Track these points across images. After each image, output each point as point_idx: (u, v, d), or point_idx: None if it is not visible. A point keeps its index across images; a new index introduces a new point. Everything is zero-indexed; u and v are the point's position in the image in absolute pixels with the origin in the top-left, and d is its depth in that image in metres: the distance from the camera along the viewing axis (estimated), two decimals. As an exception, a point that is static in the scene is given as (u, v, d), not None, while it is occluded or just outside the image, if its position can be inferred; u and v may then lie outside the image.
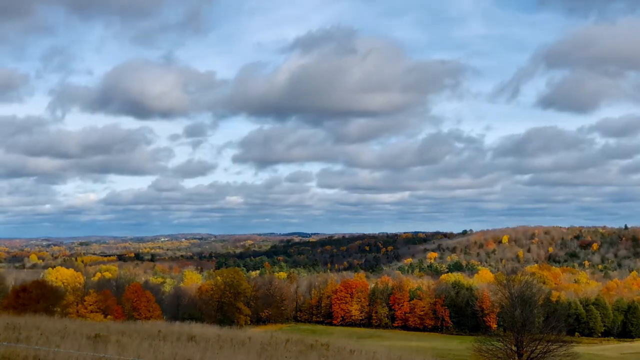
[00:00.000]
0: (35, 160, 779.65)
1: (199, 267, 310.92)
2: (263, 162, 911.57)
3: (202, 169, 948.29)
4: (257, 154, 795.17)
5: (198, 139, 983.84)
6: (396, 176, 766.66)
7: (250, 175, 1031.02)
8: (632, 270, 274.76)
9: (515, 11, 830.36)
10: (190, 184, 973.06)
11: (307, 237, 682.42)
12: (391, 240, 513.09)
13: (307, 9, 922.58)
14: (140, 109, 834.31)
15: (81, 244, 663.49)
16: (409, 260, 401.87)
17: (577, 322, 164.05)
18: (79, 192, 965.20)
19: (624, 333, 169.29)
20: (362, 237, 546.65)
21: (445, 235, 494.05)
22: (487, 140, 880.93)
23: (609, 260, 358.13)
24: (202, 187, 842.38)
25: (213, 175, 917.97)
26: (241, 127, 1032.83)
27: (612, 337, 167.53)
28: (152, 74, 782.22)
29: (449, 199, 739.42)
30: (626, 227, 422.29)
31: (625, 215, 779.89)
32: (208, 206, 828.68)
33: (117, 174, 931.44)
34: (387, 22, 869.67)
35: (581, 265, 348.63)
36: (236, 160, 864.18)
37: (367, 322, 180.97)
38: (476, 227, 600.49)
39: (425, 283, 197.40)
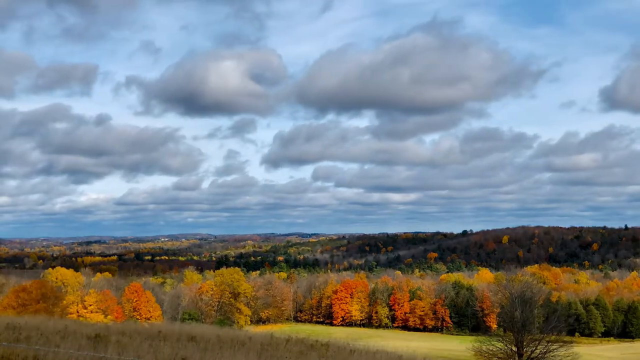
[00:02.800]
0: (71, 159, 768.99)
1: (199, 268, 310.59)
2: (298, 161, 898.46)
3: (235, 168, 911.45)
4: (294, 152, 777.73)
5: (246, 135, 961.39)
6: (427, 175, 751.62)
7: (278, 174, 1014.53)
8: (632, 270, 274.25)
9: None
10: (215, 183, 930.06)
11: (307, 237, 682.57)
12: (391, 240, 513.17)
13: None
14: (195, 105, 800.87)
15: (81, 244, 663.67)
16: (409, 261, 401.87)
17: (577, 323, 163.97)
18: (98, 192, 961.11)
19: (624, 333, 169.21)
20: (362, 237, 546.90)
21: (446, 236, 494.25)
22: (542, 141, 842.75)
23: (609, 261, 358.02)
24: (224, 186, 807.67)
25: (243, 174, 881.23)
26: (289, 123, 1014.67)
27: (612, 338, 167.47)
28: (215, 68, 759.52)
29: (465, 199, 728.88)
30: (626, 228, 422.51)
31: (633, 215, 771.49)
32: (221, 206, 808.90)
33: (147, 173, 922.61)
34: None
35: (581, 265, 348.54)
36: (270, 158, 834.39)
37: (368, 322, 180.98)
38: (488, 227, 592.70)
39: (425, 283, 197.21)
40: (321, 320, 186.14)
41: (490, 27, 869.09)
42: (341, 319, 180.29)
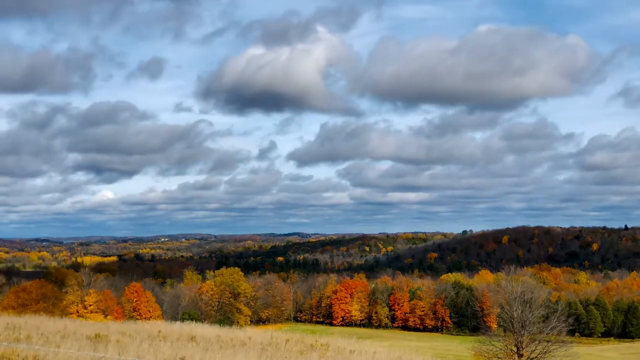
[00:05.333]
0: (102, 157, 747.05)
1: (199, 268, 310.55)
2: (336, 158, 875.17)
3: (267, 168, 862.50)
4: (333, 149, 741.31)
5: (290, 133, 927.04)
6: (454, 174, 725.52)
7: (310, 172, 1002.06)
8: (632, 270, 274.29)
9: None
10: (238, 182, 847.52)
11: (307, 237, 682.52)
12: (391, 240, 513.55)
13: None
14: (243, 99, 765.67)
15: (81, 244, 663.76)
16: (409, 261, 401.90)
17: (577, 323, 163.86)
18: (117, 192, 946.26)
19: (624, 333, 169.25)
20: (362, 237, 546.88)
21: (445, 236, 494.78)
22: (591, 139, 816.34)
23: (609, 261, 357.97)
24: (244, 185, 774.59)
25: (273, 173, 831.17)
26: (338, 120, 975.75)
27: (612, 338, 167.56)
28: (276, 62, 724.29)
29: (479, 199, 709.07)
30: (626, 228, 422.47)
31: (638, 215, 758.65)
32: (233, 205, 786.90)
33: (178, 173, 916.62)
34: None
35: (581, 265, 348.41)
36: (307, 156, 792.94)
37: (367, 322, 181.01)
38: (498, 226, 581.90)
39: (425, 283, 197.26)
40: (321, 320, 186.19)
41: (554, 24, 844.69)
42: (341, 319, 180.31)
